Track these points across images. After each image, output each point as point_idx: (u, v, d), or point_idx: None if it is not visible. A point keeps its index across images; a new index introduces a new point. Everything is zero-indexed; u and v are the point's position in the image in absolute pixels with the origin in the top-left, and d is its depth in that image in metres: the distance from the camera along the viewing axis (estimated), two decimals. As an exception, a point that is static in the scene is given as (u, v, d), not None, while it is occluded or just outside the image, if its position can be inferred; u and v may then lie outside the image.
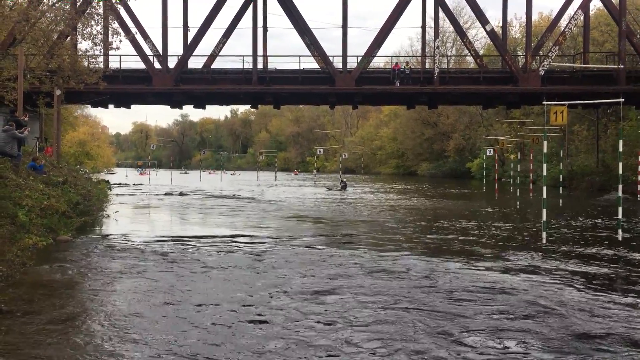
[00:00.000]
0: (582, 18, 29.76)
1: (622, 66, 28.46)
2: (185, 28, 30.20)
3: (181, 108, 33.36)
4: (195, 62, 30.36)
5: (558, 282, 8.83)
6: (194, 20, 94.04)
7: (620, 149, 13.28)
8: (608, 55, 33.06)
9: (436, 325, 6.38)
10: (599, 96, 24.30)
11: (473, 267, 9.99)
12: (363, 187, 41.81)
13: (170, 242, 12.69)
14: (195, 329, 6.22)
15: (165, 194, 31.27)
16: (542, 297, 7.76)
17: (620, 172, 13.19)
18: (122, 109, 32.09)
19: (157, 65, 29.13)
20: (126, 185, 41.87)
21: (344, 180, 39.74)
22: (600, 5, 32.95)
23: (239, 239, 13.31)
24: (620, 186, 13.11)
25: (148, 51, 28.91)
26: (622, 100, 14.44)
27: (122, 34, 25.35)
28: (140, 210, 22.48)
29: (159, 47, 29.20)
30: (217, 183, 49.08)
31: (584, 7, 29.26)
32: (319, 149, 56.74)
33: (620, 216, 12.71)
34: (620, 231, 12.80)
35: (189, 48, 29.05)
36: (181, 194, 31.68)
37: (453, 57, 58.73)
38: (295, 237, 13.94)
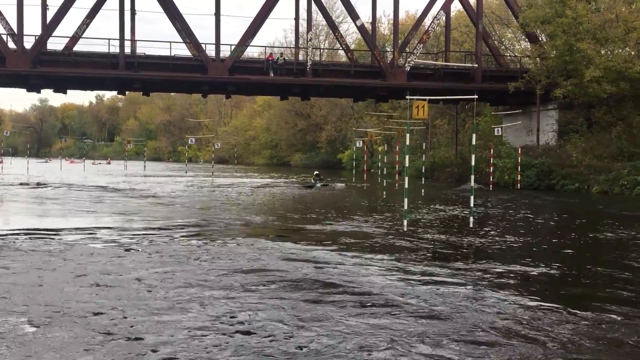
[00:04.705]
0: (444, 18, 31.72)
1: (477, 65, 30.73)
2: (44, 6, 28.19)
3: (39, 92, 31.08)
4: (56, 44, 28.54)
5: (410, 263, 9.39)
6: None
7: (474, 142, 14.35)
8: (466, 55, 35.47)
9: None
10: (457, 93, 26.04)
11: (340, 253, 10.34)
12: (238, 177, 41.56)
13: (23, 235, 11.83)
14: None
15: (21, 184, 29.04)
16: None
17: (473, 164, 14.28)
18: (-30, 90, 29.35)
19: (11, 45, 26.98)
20: (-25, 174, 38.37)
21: (317, 175, 32.19)
22: (460, 7, 35.26)
23: (102, 231, 12.72)
24: (472, 177, 14.19)
25: (1, 29, 26.69)
26: (476, 97, 15.57)
27: (-30, 8, 23.14)
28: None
29: (14, 26, 27.03)
30: (79, 173, 46.40)
31: (446, 8, 31.23)
32: (191, 138, 55.75)
33: (472, 204, 13.76)
34: (471, 218, 13.86)
35: (48, 28, 27.20)
36: (39, 184, 29.58)
37: (325, 50, 60.05)
38: (166, 227, 13.58)
